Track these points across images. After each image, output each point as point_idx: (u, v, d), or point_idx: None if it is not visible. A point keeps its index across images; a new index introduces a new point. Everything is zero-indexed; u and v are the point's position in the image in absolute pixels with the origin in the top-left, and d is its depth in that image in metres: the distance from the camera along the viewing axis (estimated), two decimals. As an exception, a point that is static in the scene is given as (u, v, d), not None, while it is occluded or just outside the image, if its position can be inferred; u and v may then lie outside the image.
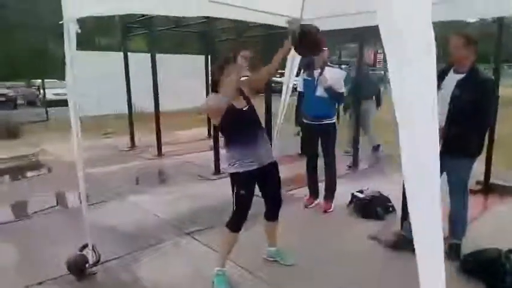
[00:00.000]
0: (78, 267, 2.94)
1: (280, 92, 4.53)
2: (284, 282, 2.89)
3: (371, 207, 4.03)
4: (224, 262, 2.86)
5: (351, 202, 4.30)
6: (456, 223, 3.23)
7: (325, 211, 4.20)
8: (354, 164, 6.02)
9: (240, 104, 2.73)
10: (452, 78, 2.99)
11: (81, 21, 2.60)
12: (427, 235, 1.38)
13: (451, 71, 3.05)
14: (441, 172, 3.22)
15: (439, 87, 3.04)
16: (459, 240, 3.22)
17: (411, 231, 3.73)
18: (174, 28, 8.14)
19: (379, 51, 25.99)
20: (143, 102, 9.76)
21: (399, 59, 1.17)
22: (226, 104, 2.58)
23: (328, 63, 4.06)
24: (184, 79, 13.98)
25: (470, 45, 2.92)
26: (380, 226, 3.83)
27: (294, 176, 5.17)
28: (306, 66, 4.19)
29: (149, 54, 7.18)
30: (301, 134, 5.52)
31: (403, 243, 3.36)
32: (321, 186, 4.40)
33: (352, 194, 4.31)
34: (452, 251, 3.19)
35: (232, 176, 2.76)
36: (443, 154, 3.00)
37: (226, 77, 2.64)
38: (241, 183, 2.71)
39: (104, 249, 3.12)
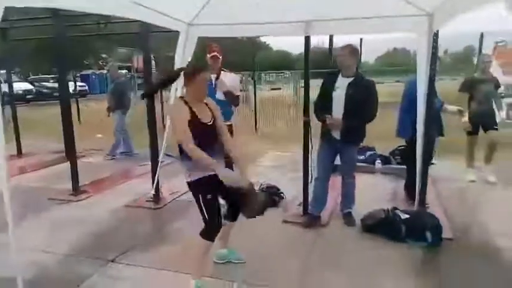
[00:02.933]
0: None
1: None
2: (256, 278, 2.94)
3: (269, 196, 4.47)
4: (200, 273, 2.74)
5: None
6: (348, 196, 4.06)
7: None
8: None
9: (206, 117, 2.69)
10: (343, 81, 3.73)
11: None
12: None
13: (339, 75, 3.79)
14: (335, 157, 3.99)
15: (334, 88, 3.76)
16: (351, 209, 4.07)
17: (314, 209, 4.33)
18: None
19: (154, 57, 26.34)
20: None
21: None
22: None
23: (223, 69, 4.22)
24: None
25: (355, 54, 3.72)
26: (281, 211, 4.34)
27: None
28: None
29: None
30: None
31: (312, 221, 3.99)
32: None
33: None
34: (348, 218, 4.01)
35: (193, 185, 2.67)
36: (340, 142, 3.76)
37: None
38: (204, 188, 2.66)
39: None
